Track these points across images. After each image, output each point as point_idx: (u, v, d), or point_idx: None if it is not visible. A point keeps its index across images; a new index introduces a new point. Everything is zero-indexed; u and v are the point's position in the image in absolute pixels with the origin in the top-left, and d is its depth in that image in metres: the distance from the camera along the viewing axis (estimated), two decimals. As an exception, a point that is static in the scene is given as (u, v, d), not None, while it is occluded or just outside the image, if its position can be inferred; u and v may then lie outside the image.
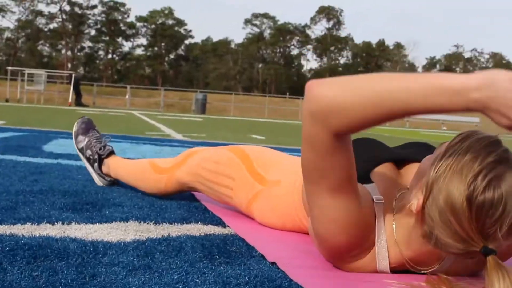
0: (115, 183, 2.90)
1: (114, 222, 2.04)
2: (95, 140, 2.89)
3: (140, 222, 2.06)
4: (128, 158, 4.22)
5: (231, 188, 2.22)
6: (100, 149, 2.85)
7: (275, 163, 2.21)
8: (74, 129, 2.99)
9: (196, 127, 12.88)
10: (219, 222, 2.16)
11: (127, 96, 40.04)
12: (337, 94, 1.34)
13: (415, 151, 1.84)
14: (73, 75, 32.51)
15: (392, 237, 1.55)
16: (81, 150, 2.92)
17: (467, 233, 1.33)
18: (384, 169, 1.74)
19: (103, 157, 2.85)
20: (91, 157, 2.88)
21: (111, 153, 2.87)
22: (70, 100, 31.65)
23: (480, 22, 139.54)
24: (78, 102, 31.18)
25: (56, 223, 1.95)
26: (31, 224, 1.91)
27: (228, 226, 2.10)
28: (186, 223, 2.11)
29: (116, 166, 2.80)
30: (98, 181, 2.89)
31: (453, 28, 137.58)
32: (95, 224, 1.97)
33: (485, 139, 1.40)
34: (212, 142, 7.02)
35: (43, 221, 1.96)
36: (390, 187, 1.65)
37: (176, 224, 2.08)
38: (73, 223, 1.97)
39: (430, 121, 40.26)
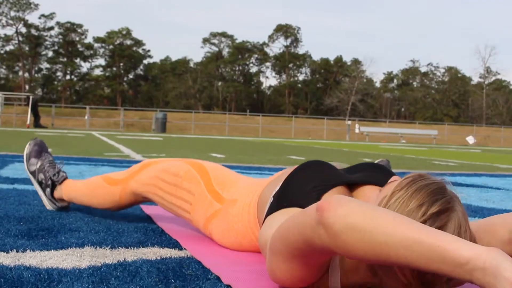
0: (65, 208, 2.87)
1: (69, 248, 2.02)
2: (48, 165, 2.86)
3: (96, 248, 2.04)
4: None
5: (190, 203, 2.22)
6: (54, 175, 2.82)
7: (232, 182, 2.23)
8: (26, 151, 2.94)
9: (156, 146, 12.83)
10: (176, 245, 2.15)
11: (86, 117, 39.70)
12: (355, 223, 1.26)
13: (366, 174, 1.87)
14: (31, 97, 32.22)
15: (343, 264, 1.55)
16: (33, 173, 2.88)
17: (408, 279, 1.35)
18: (336, 192, 1.76)
19: (57, 183, 2.82)
20: (43, 181, 2.84)
21: (65, 179, 2.84)
22: (28, 122, 31.30)
23: (435, 37, 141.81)
24: (37, 124, 30.86)
25: (10, 251, 1.92)
26: (-15, 253, 1.89)
27: (184, 249, 2.10)
28: (143, 247, 2.10)
29: (69, 189, 2.77)
30: (48, 205, 2.86)
31: (409, 43, 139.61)
32: (50, 251, 1.95)
33: (430, 187, 1.41)
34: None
35: (-3, 250, 1.93)
36: None
37: (132, 248, 2.07)
38: (28, 251, 1.94)
39: (389, 134, 40.65)
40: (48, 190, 2.83)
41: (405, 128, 46.41)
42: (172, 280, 1.65)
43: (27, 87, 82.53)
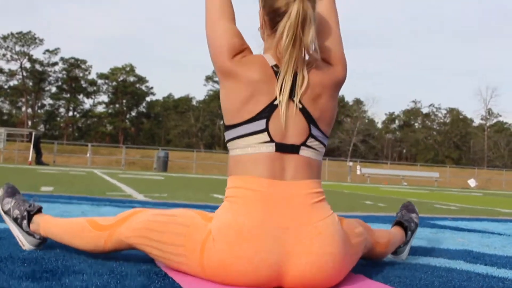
0: (43, 242, 2.87)
1: (73, 291, 2.04)
2: (22, 201, 2.88)
3: (100, 291, 2.06)
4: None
5: (184, 235, 2.26)
6: (29, 206, 2.83)
7: None
8: None
9: (157, 186, 12.86)
10: (179, 290, 2.17)
11: (88, 154, 39.79)
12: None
13: None
14: (33, 133, 32.28)
15: None
16: (7, 212, 2.87)
17: None
18: None
19: (32, 213, 2.82)
20: (18, 216, 2.83)
21: (39, 210, 2.85)
22: (30, 158, 31.37)
23: (437, 78, 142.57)
24: (39, 160, 30.89)
25: (15, 294, 1.94)
26: (-10, 295, 1.91)
27: (187, 294, 2.11)
28: (146, 291, 2.11)
29: (47, 223, 2.77)
30: (26, 242, 2.84)
31: (411, 84, 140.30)
32: (55, 294, 1.97)
33: None
34: (174, 203, 7.02)
35: (2, 292, 1.95)
36: None
37: (136, 292, 2.09)
38: (33, 293, 1.96)
39: (390, 176, 40.63)
40: (24, 222, 2.81)
41: (407, 170, 46.43)
42: (176, 326, 1.67)
43: (30, 123, 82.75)
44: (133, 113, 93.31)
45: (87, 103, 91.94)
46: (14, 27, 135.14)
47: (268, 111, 2.28)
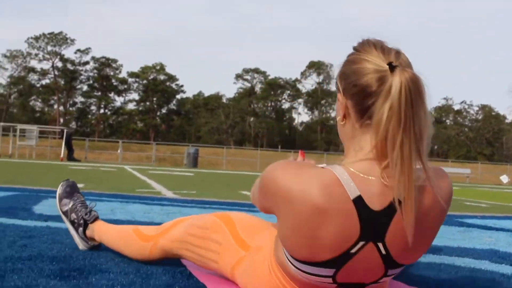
0: (96, 247, 2.95)
1: (99, 290, 2.08)
2: (80, 205, 2.95)
3: (125, 290, 2.10)
4: (117, 220, 4.28)
5: (218, 253, 2.26)
6: (86, 214, 2.91)
7: (258, 229, 2.25)
8: (59, 191, 3.04)
9: (187, 182, 12.93)
10: (203, 289, 2.20)
11: (119, 151, 40.06)
12: None
13: None
14: (65, 130, 32.63)
15: None
16: (65, 213, 2.98)
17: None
18: None
19: (88, 222, 2.90)
20: (75, 221, 2.93)
21: (96, 218, 2.92)
22: (62, 155, 31.67)
23: (469, 75, 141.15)
24: (70, 157, 31.20)
25: (43, 292, 1.99)
26: (19, 293, 1.96)
27: (211, 293, 2.14)
28: (170, 290, 2.15)
29: (100, 231, 2.86)
30: (80, 244, 2.94)
31: (442, 81, 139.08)
32: (81, 293, 2.02)
33: None
34: (202, 200, 7.07)
35: (31, 290, 2.00)
36: None
37: (160, 291, 2.12)
38: (60, 292, 2.01)
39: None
40: (80, 229, 2.92)
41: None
42: (198, 325, 1.70)
43: (61, 120, 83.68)
44: (164, 111, 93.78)
45: (118, 101, 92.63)
46: (46, 27, 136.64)
47: (340, 260, 1.72)
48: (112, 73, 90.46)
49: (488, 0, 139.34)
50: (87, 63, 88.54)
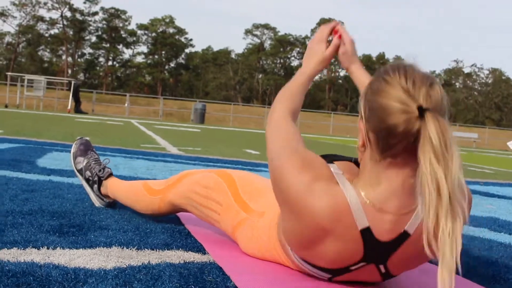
0: (112, 204, 2.98)
1: (97, 247, 2.10)
2: (94, 162, 2.98)
3: (123, 248, 2.12)
4: (120, 175, 4.31)
5: (219, 213, 2.29)
6: (99, 171, 2.94)
7: (260, 192, 2.26)
8: (73, 150, 3.06)
9: (192, 139, 12.95)
10: (200, 249, 2.22)
11: (126, 104, 40.06)
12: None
13: None
14: (73, 82, 32.56)
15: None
16: (79, 171, 3.00)
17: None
18: (345, 164, 1.88)
19: (102, 179, 2.93)
20: (90, 178, 2.96)
21: (110, 175, 2.95)
22: (69, 107, 31.72)
23: (480, 38, 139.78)
24: (77, 109, 31.25)
25: (41, 248, 2.01)
26: (17, 248, 1.98)
27: (207, 253, 2.16)
28: (168, 249, 2.17)
29: (113, 188, 2.89)
30: (96, 202, 2.97)
31: (453, 43, 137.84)
32: (79, 250, 2.04)
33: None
34: (206, 158, 7.09)
35: (29, 246, 2.02)
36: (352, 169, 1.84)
37: (157, 250, 2.15)
38: (58, 248, 2.03)
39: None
40: (95, 186, 2.95)
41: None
42: (192, 286, 1.72)
43: (69, 71, 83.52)
44: (172, 65, 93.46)
45: (127, 53, 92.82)
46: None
47: (339, 272, 1.80)
48: (121, 25, 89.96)
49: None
50: (96, 13, 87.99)
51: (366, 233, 1.65)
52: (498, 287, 2.05)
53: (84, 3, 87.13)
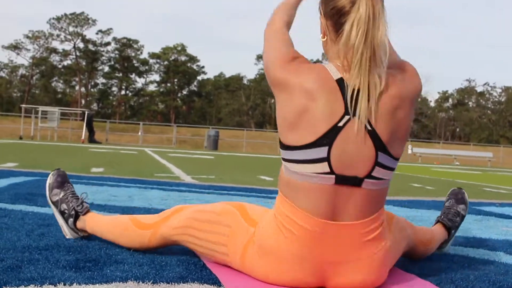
0: (86, 237, 2.95)
1: (113, 282, 2.11)
2: (71, 195, 2.94)
3: (138, 282, 2.13)
4: (134, 207, 4.34)
5: (227, 236, 2.30)
6: (78, 205, 2.90)
7: (266, 210, 2.34)
8: (49, 181, 2.99)
9: (206, 166, 12.97)
10: (215, 281, 2.22)
11: (139, 133, 40.25)
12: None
13: None
14: (86, 112, 32.82)
15: None
16: (55, 203, 2.95)
17: None
18: None
19: (80, 214, 2.90)
20: (66, 211, 2.91)
21: (88, 210, 2.93)
22: (83, 137, 31.94)
23: (492, 56, 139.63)
24: (91, 139, 31.45)
25: (58, 284, 2.02)
26: (34, 285, 1.99)
27: (223, 286, 2.17)
28: (183, 283, 2.17)
29: (93, 222, 2.86)
30: (68, 234, 2.93)
31: (465, 62, 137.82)
32: (95, 285, 2.05)
33: None
34: (220, 186, 7.10)
35: (46, 282, 2.04)
36: None
37: (173, 284, 2.15)
38: (74, 284, 2.04)
39: (442, 156, 40.12)
40: (71, 220, 2.90)
41: (459, 150, 45.78)
42: (208, 320, 1.73)
43: (83, 101, 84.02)
44: (185, 92, 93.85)
45: (139, 82, 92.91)
46: (68, 8, 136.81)
47: (331, 136, 2.03)
48: (133, 54, 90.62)
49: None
50: (108, 43, 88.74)
51: (340, 83, 2.06)
52: (514, 313, 2.04)
53: (97, 34, 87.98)
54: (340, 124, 2.02)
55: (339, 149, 2.03)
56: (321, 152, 2.03)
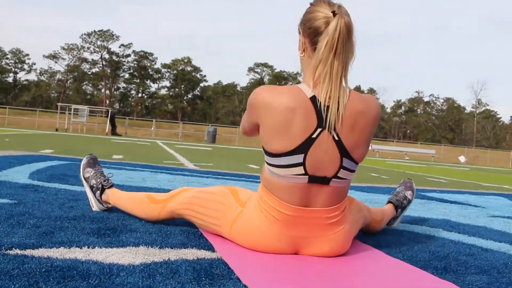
0: (109, 209, 2.94)
1: (128, 246, 2.10)
2: (99, 174, 2.95)
3: (148, 247, 2.12)
4: (146, 186, 4.31)
5: (221, 212, 2.30)
6: (104, 181, 2.91)
7: (254, 193, 2.35)
8: (83, 161, 3.00)
9: (206, 156, 12.93)
10: (210, 248, 2.21)
11: (152, 128, 40.07)
12: None
13: None
14: (110, 110, 32.66)
15: None
16: (86, 179, 2.96)
17: None
18: None
19: (105, 188, 2.91)
20: (94, 185, 2.91)
21: (112, 186, 2.94)
22: (107, 130, 31.74)
23: (437, 73, 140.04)
24: (114, 132, 31.28)
25: (83, 247, 2.01)
26: (64, 247, 1.98)
27: (216, 251, 2.16)
28: (184, 248, 2.17)
29: (115, 196, 2.85)
30: (95, 206, 2.93)
31: (416, 77, 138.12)
32: (113, 249, 2.04)
33: None
34: (216, 171, 7.09)
35: (73, 245, 2.02)
36: None
37: (176, 249, 2.14)
38: (96, 247, 2.03)
39: (395, 152, 40.18)
40: (98, 192, 2.90)
41: (409, 147, 45.87)
42: (203, 278, 1.72)
43: (107, 101, 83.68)
44: (189, 96, 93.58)
45: (153, 87, 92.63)
46: (97, 25, 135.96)
47: (307, 145, 2.02)
48: (148, 64, 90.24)
49: (457, 4, 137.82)
50: (128, 55, 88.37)
51: (314, 99, 2.01)
52: (448, 277, 2.05)
53: (119, 47, 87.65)
54: (314, 136, 2.02)
55: (313, 155, 2.03)
56: (298, 158, 2.03)
